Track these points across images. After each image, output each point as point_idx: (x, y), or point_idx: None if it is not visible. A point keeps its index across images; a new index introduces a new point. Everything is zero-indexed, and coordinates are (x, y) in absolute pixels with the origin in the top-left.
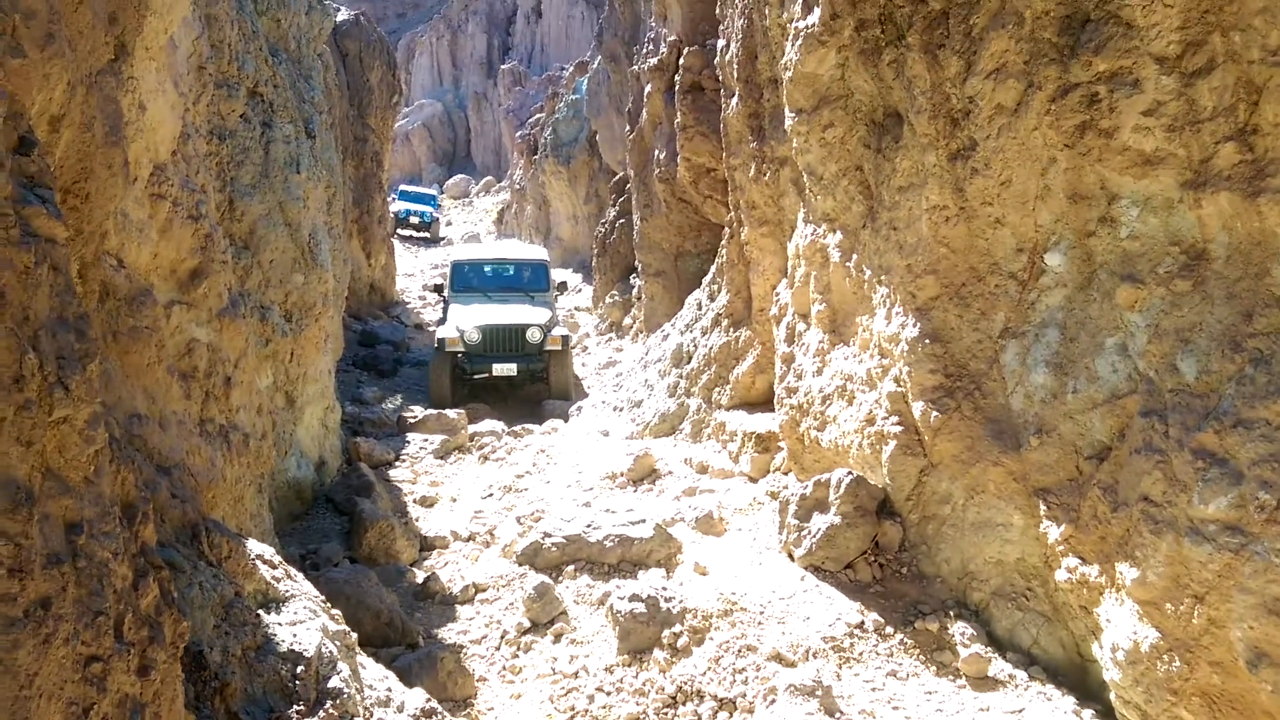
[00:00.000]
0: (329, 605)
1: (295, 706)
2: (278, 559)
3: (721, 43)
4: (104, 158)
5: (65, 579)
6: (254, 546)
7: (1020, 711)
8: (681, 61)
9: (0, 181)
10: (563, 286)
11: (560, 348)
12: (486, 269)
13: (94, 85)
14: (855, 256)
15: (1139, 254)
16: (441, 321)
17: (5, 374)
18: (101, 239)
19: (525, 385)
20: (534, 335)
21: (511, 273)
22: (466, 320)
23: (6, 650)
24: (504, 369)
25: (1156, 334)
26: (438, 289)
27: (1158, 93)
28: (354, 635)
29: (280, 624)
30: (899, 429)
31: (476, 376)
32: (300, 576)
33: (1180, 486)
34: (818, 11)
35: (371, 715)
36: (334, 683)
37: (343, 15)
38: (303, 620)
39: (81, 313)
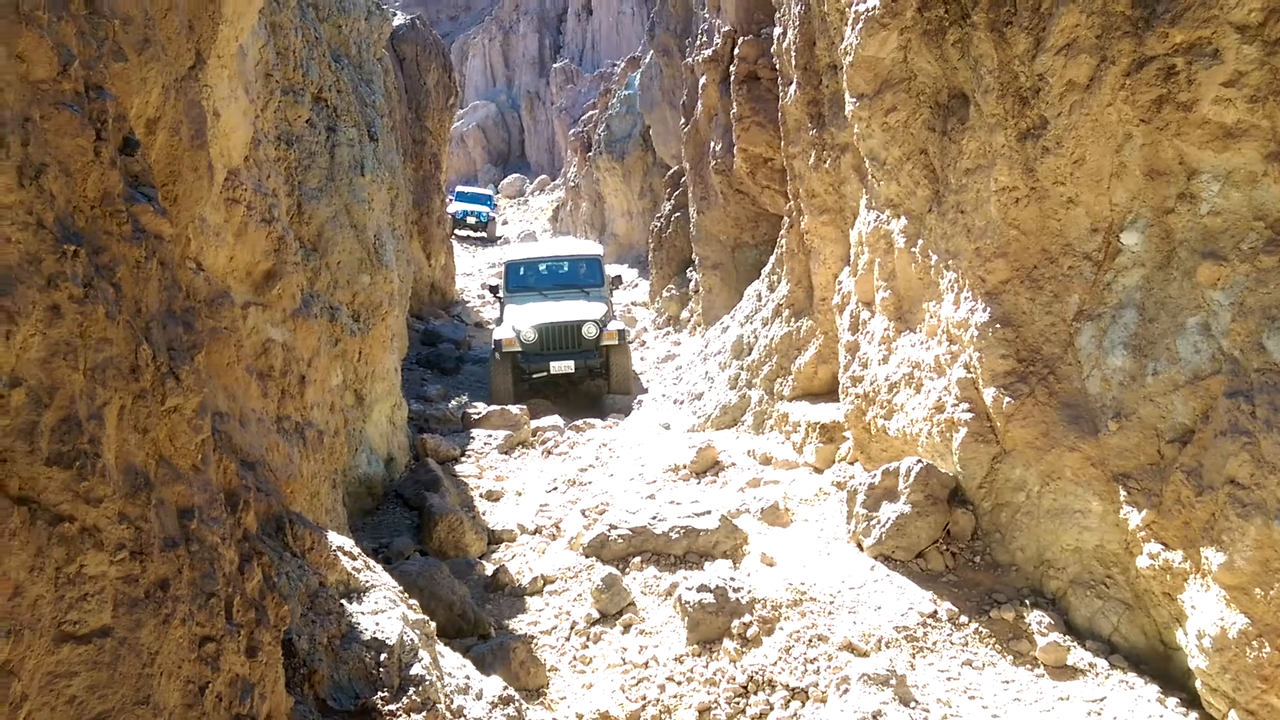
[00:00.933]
0: (406, 595)
1: (380, 693)
2: (357, 550)
3: (778, 30)
4: (191, 161)
5: (180, 562)
6: (334, 538)
7: (1102, 700)
8: (736, 51)
9: (112, 180)
10: (617, 280)
11: (617, 342)
12: (540, 267)
13: (181, 90)
14: (921, 242)
15: (1221, 230)
16: (499, 322)
17: (123, 364)
18: (186, 242)
19: (584, 381)
20: (590, 331)
21: (565, 269)
22: (522, 320)
23: (130, 629)
24: (562, 367)
25: (1241, 312)
26: (493, 289)
27: (1239, 63)
28: (433, 624)
29: (363, 613)
30: (970, 416)
31: (535, 376)
32: (379, 567)
33: (1269, 468)
34: None
35: (452, 702)
36: (416, 670)
37: (399, 20)
38: (384, 610)
39: (188, 306)
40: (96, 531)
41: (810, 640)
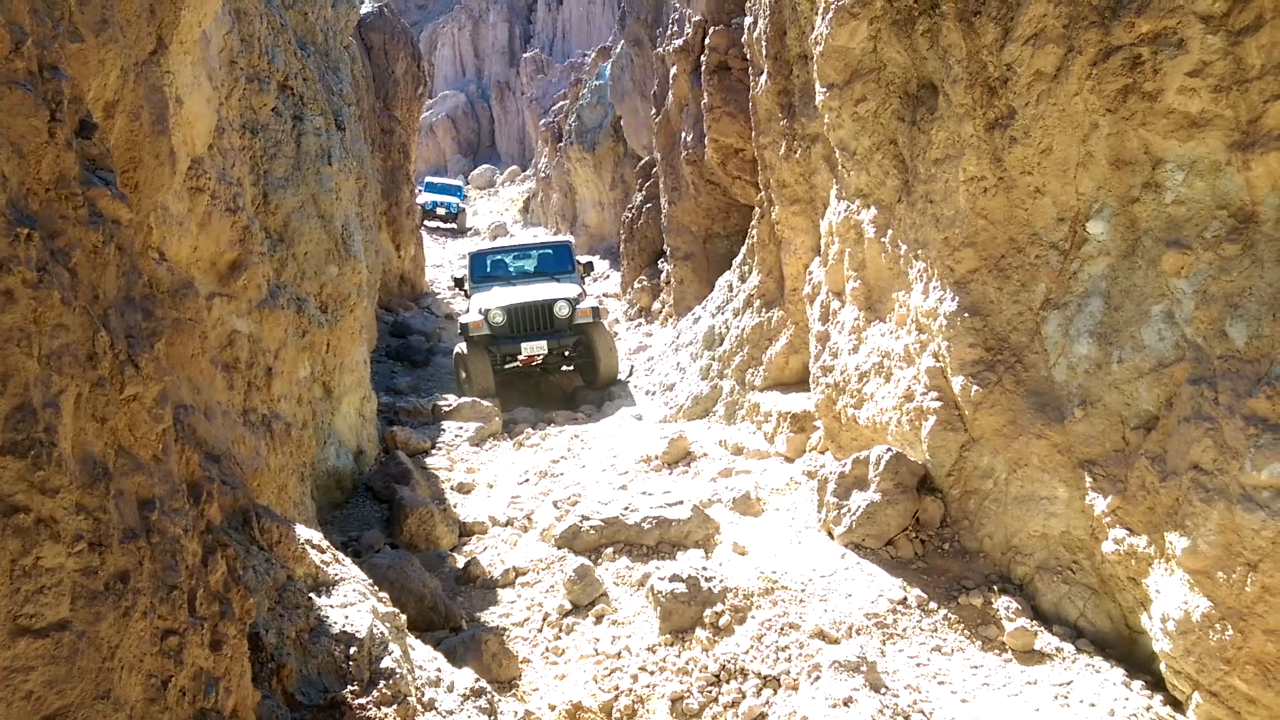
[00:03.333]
0: (376, 589)
1: (349, 686)
2: (326, 544)
3: (749, 20)
4: (152, 147)
5: (141, 554)
6: (303, 531)
7: (1069, 684)
8: (707, 41)
9: (68, 162)
10: (589, 267)
11: (592, 319)
12: (507, 257)
13: (141, 74)
14: (890, 231)
15: (1185, 219)
16: (466, 313)
17: (79, 351)
18: (148, 231)
19: (560, 369)
20: (562, 309)
21: (534, 259)
22: (490, 303)
23: (89, 623)
24: (534, 348)
25: (1204, 300)
26: (459, 283)
27: (1203, 52)
28: (403, 617)
29: (332, 606)
30: (938, 404)
31: (507, 365)
32: (348, 561)
33: (1231, 453)
34: None
35: (423, 695)
36: (386, 663)
37: (367, 7)
38: (353, 603)
39: (148, 292)
40: (53, 523)
41: (782, 628)
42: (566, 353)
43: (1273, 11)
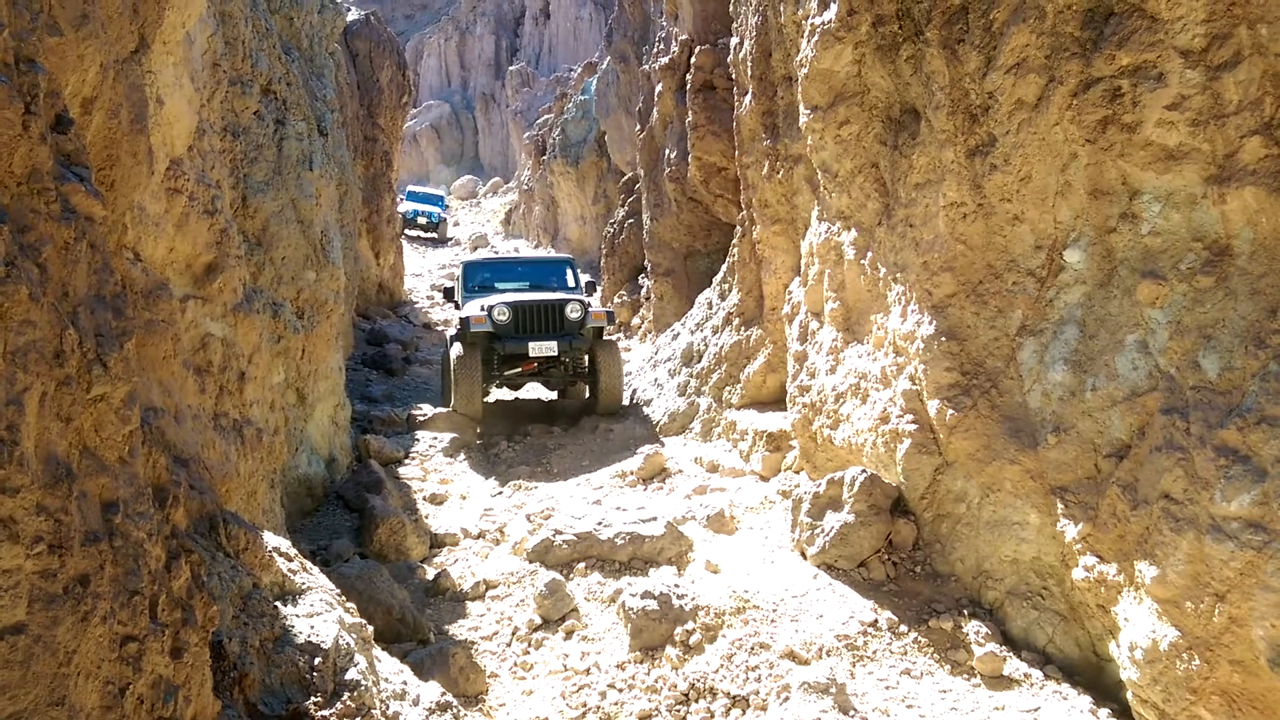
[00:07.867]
0: (344, 599)
1: (313, 698)
2: (294, 552)
3: (735, 40)
4: (129, 145)
5: (103, 557)
6: (270, 539)
7: (1036, 710)
8: (693, 60)
9: (42, 156)
10: (590, 287)
11: (605, 324)
12: (503, 269)
13: (121, 72)
14: (870, 254)
15: (1160, 250)
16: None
17: (46, 349)
18: (123, 230)
19: (564, 381)
20: (574, 310)
21: (533, 273)
22: (492, 300)
23: (46, 627)
24: (543, 348)
25: (1178, 331)
26: (447, 293)
27: (1182, 86)
28: (370, 628)
29: (297, 616)
30: (914, 427)
31: (509, 371)
32: (316, 570)
33: (1202, 484)
34: (834, 7)
35: (388, 708)
36: (351, 675)
37: (353, 15)
38: (320, 613)
39: (119, 291)
40: (12, 523)
41: (752, 648)
42: (573, 361)
43: (1250, 49)
